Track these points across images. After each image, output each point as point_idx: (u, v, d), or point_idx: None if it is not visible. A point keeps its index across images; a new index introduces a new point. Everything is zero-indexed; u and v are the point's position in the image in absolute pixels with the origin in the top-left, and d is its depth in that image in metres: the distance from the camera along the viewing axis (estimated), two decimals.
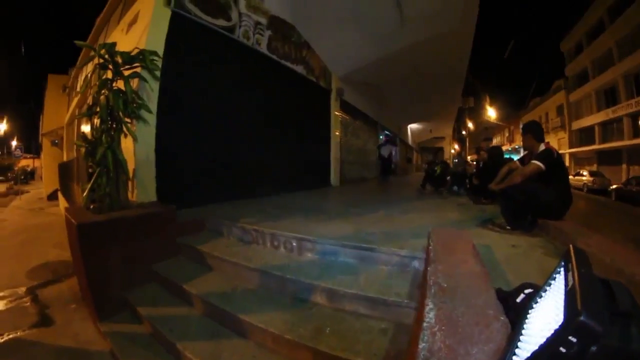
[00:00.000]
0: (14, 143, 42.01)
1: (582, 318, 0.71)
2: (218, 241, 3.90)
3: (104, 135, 3.65)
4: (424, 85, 13.25)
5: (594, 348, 0.72)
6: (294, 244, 3.36)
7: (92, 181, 3.70)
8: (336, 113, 10.61)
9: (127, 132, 3.80)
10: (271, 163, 6.96)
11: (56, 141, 18.12)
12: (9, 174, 40.88)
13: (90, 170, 3.90)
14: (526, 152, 4.24)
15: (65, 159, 15.06)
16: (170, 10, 4.98)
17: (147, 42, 4.55)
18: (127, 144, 4.03)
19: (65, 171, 12.95)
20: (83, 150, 3.87)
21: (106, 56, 3.85)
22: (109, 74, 3.89)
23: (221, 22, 5.82)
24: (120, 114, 3.68)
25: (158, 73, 4.28)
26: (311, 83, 8.97)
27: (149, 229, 3.75)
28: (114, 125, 3.70)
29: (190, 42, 5.27)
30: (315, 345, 2.16)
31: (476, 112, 44.29)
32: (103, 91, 3.75)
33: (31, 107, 33.17)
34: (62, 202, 12.51)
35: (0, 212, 13.03)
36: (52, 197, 16.72)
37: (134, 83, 4.06)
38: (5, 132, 39.42)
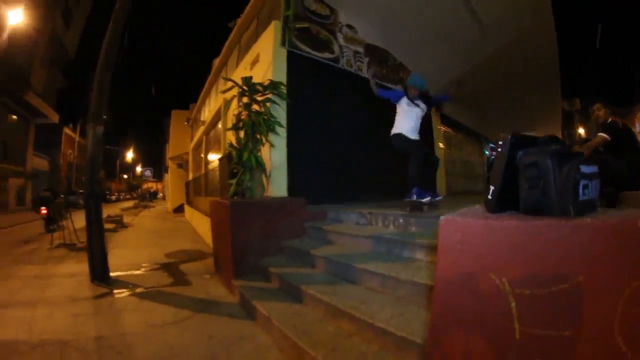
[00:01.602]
0: (138, 168, 49.41)
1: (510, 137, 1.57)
2: (338, 225, 4.83)
3: (249, 143, 5.01)
4: (517, 89, 13.12)
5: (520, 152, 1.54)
6: (401, 220, 4.12)
7: (237, 178, 5.09)
8: (438, 127, 11.21)
9: (265, 141, 5.21)
10: (377, 174, 7.72)
11: (181, 164, 21.56)
12: (134, 194, 48.40)
13: (235, 170, 5.24)
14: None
15: (190, 178, 17.88)
16: (286, 50, 6.45)
17: (272, 75, 5.98)
18: (264, 151, 5.43)
19: (192, 186, 15.72)
20: (235, 153, 5.20)
21: (244, 87, 5.28)
22: (245, 99, 5.29)
23: (327, 55, 7.19)
24: (261, 127, 5.04)
25: (285, 97, 5.68)
26: None
27: (283, 213, 4.93)
28: (256, 136, 5.07)
29: (305, 72, 6.68)
30: (413, 278, 2.77)
31: (584, 115, 40.52)
32: (245, 112, 5.17)
33: (158, 139, 38.57)
34: (188, 212, 15.26)
35: (133, 219, 16.29)
36: (177, 210, 19.76)
37: (268, 105, 5.42)
38: (132, 159, 46.87)
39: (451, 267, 1.59)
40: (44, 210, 9.43)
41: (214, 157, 12.40)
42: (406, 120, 4.91)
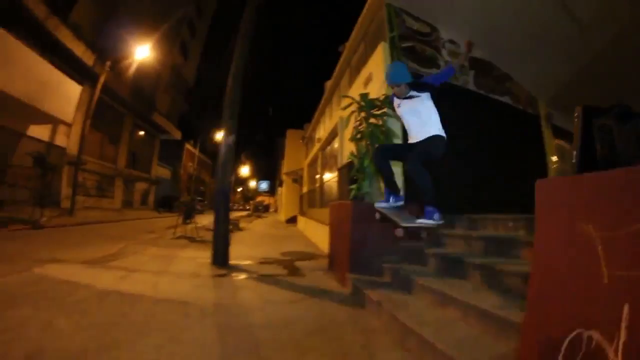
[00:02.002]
0: (252, 183, 53.51)
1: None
2: (451, 229, 5.03)
3: (368, 152, 5.67)
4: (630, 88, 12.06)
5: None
6: (511, 224, 4.25)
7: (357, 184, 5.75)
8: (549, 140, 10.88)
9: None
10: (486, 186, 7.68)
11: (296, 179, 23.39)
12: (247, 205, 52.50)
13: (354, 177, 5.88)
14: None
15: (304, 191, 19.39)
16: None
17: (386, 91, 6.57)
18: None
19: (307, 198, 17.16)
20: (356, 161, 5.90)
21: (362, 103, 5.98)
22: (363, 114, 5.96)
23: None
24: (379, 138, 5.68)
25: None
26: (519, 112, 9.62)
27: None
28: (375, 146, 5.71)
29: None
30: (519, 271, 2.92)
31: None
32: (364, 124, 5.86)
33: (271, 155, 42.05)
34: (301, 222, 16.59)
35: (248, 225, 18.61)
36: (289, 221, 21.34)
37: (384, 119, 6.00)
38: (247, 174, 51.10)
39: (546, 222, 1.87)
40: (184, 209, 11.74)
41: (329, 172, 13.48)
42: (406, 124, 4.27)
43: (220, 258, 6.66)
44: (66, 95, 15.59)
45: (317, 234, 10.69)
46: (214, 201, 7.11)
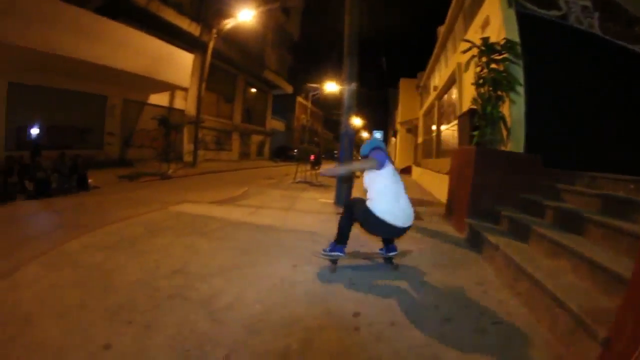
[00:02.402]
0: (364, 134, 54.13)
1: None
2: (570, 185, 4.71)
3: (491, 98, 5.52)
4: None
5: None
6: (632, 186, 3.85)
7: (479, 131, 5.63)
8: None
9: (506, 98, 5.65)
10: (608, 145, 6.73)
11: (410, 129, 23.18)
12: (358, 156, 54.63)
13: (477, 124, 5.74)
14: None
15: (419, 141, 19.29)
16: (514, 10, 6.62)
17: (505, 35, 6.21)
18: (504, 108, 5.78)
19: (422, 149, 17.05)
20: (479, 107, 5.71)
21: (483, 47, 5.74)
22: (484, 59, 5.72)
23: (554, 13, 6.96)
24: (502, 84, 5.49)
25: (520, 56, 5.94)
26: None
27: (519, 167, 5.25)
28: (497, 93, 5.54)
29: (535, 31, 6.64)
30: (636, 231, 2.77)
31: None
32: (486, 69, 5.65)
33: (383, 106, 41.92)
34: (416, 172, 16.64)
35: (362, 174, 19.31)
36: (403, 172, 21.30)
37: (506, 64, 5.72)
38: (361, 125, 51.94)
39: None
40: (312, 157, 12.86)
41: (446, 121, 13.21)
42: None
43: (343, 198, 7.24)
44: (180, 64, 17.07)
45: (433, 183, 10.71)
46: (341, 144, 7.71)
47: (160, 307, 2.66)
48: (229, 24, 18.73)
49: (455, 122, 8.96)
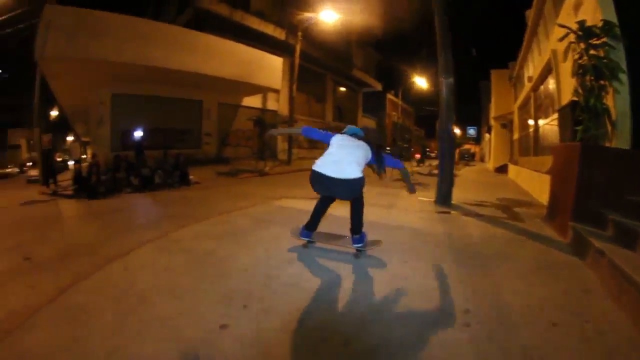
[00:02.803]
0: (456, 130, 51.45)
1: None
2: None
3: (594, 89, 4.85)
4: None
5: None
6: None
7: (582, 125, 4.97)
8: None
9: (609, 88, 4.91)
10: None
11: (505, 124, 21.47)
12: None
13: (580, 117, 5.07)
14: None
15: (515, 137, 17.83)
16: None
17: (602, 16, 5.36)
18: (607, 99, 5.04)
19: (518, 145, 15.74)
20: (581, 99, 5.06)
21: (579, 32, 5.04)
22: (582, 45, 5.03)
23: None
24: (604, 73, 4.77)
25: (621, 39, 5.12)
26: None
27: (628, 166, 4.57)
28: (600, 82, 4.83)
29: (633, 9, 5.64)
30: None
31: None
32: (585, 57, 4.96)
33: (474, 100, 39.57)
34: (513, 171, 15.35)
35: (457, 172, 18.65)
36: (499, 170, 19.75)
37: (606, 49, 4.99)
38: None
39: None
40: (417, 154, 12.55)
41: (543, 115, 12.08)
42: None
43: (443, 197, 7.09)
44: (270, 67, 18.07)
45: (531, 183, 9.80)
46: (439, 144, 7.64)
47: (277, 294, 2.80)
48: (311, 25, 19.48)
49: (555, 116, 8.18)
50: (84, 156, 14.10)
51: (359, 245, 3.74)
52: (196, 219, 5.52)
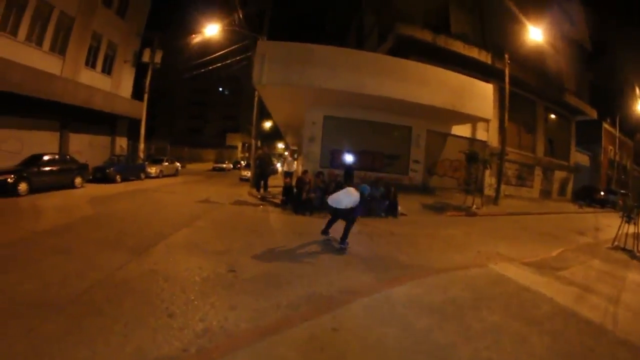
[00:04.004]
0: None
1: None
2: None
3: None
4: None
5: None
6: None
7: None
8: None
9: None
10: None
11: None
12: None
13: None
14: None
15: None
16: None
17: None
18: None
19: None
20: None
21: None
22: None
23: None
24: None
25: None
26: None
27: None
28: None
29: None
30: None
31: None
32: None
33: None
34: None
35: None
36: None
37: None
38: None
39: None
40: None
41: None
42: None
43: None
44: (481, 95, 16.63)
45: None
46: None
47: None
48: (518, 45, 17.57)
49: None
50: (293, 169, 15.29)
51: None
52: (406, 268, 5.50)
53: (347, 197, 6.49)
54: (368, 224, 8.77)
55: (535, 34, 16.87)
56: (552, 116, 26.15)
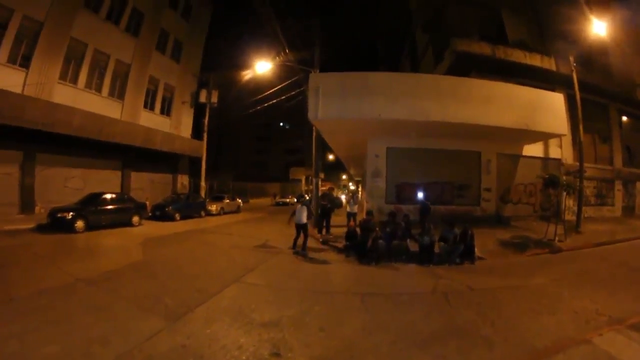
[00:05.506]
0: None
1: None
2: None
3: None
4: None
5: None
6: None
7: None
8: None
9: None
10: None
11: None
12: None
13: None
14: None
15: None
16: None
17: None
18: None
19: None
20: None
21: None
22: None
23: None
24: None
25: None
26: None
27: None
28: None
29: None
30: None
31: None
32: None
33: None
34: None
35: None
36: None
37: None
38: None
39: None
40: None
41: None
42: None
43: None
44: (552, 108, 14.66)
45: None
46: None
47: None
48: (582, 46, 15.70)
49: None
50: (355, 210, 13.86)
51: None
52: (491, 349, 4.12)
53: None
54: (442, 276, 7.70)
55: (599, 27, 14.84)
56: (625, 118, 23.59)
